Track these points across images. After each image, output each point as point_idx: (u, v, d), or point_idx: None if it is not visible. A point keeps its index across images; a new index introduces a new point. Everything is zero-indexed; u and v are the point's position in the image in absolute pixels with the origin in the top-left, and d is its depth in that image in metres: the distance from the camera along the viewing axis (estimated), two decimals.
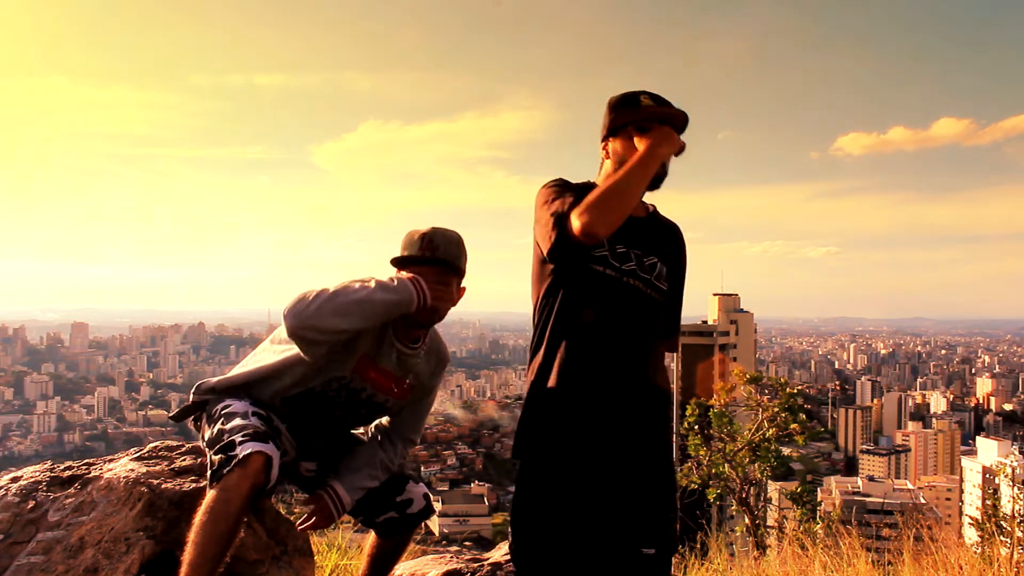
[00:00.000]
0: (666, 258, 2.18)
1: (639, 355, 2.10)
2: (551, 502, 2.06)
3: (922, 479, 79.21)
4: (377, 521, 2.49)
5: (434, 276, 2.24)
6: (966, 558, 3.54)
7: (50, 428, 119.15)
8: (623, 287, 2.08)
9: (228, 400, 2.29)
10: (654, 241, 2.18)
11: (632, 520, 2.06)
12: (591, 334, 2.08)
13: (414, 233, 2.28)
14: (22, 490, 2.34)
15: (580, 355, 2.08)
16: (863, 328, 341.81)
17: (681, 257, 2.28)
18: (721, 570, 4.16)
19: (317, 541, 3.61)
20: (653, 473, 2.08)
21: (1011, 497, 5.18)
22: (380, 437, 2.52)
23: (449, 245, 2.27)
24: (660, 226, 2.26)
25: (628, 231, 2.10)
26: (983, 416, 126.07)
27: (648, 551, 2.05)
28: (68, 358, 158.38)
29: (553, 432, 2.07)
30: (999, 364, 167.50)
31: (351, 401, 2.37)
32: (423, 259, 2.24)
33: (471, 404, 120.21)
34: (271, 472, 2.06)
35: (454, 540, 27.52)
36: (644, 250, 2.13)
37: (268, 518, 2.60)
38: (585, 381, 2.06)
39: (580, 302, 2.09)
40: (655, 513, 2.09)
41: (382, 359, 2.33)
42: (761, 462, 7.89)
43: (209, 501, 2.00)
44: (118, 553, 2.16)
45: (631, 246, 2.12)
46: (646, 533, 2.06)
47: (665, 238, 2.24)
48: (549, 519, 2.06)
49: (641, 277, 2.10)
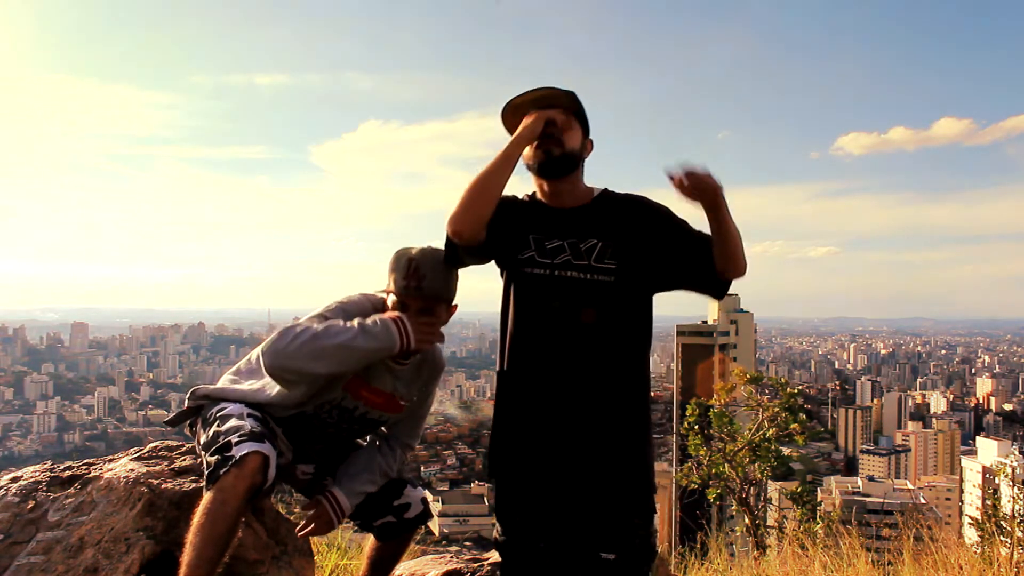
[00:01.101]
0: (617, 235, 2.10)
1: (586, 345, 2.05)
2: (517, 510, 2.11)
3: (922, 479, 79.16)
4: (375, 525, 2.49)
5: (419, 306, 2.22)
6: (966, 558, 3.54)
7: (50, 428, 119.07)
8: (556, 281, 2.07)
9: (223, 403, 2.29)
10: (594, 224, 2.11)
11: (590, 524, 2.04)
12: (530, 335, 2.09)
13: (402, 256, 2.23)
14: (22, 490, 2.34)
15: (524, 362, 2.10)
16: (863, 328, 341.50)
17: (649, 218, 2.11)
18: (721, 570, 4.16)
19: (317, 541, 3.61)
20: (613, 475, 2.05)
21: (1011, 497, 5.18)
22: (378, 442, 2.52)
23: (436, 275, 2.21)
24: (609, 206, 2.16)
25: (559, 223, 2.11)
26: (983, 416, 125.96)
27: (607, 556, 2.02)
28: (68, 358, 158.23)
29: (512, 445, 2.11)
30: (999, 364, 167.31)
31: (344, 419, 2.38)
32: (407, 292, 2.20)
33: (471, 404, 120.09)
34: (268, 472, 2.06)
35: (454, 540, 27.54)
36: (580, 236, 2.10)
37: (268, 518, 2.60)
38: (532, 385, 2.08)
39: (519, 308, 2.12)
40: (616, 518, 2.05)
41: (373, 378, 2.33)
42: (761, 462, 7.89)
43: (206, 503, 1.99)
44: (118, 553, 2.16)
45: (564, 237, 2.10)
46: (604, 537, 2.03)
47: (615, 216, 2.13)
48: (516, 525, 2.11)
49: (576, 265, 2.07)
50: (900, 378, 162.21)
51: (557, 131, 2.07)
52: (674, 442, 32.53)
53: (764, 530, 7.32)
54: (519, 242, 2.13)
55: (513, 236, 2.13)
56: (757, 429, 8.25)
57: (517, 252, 2.11)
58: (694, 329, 71.66)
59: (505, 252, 2.14)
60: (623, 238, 2.09)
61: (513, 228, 2.13)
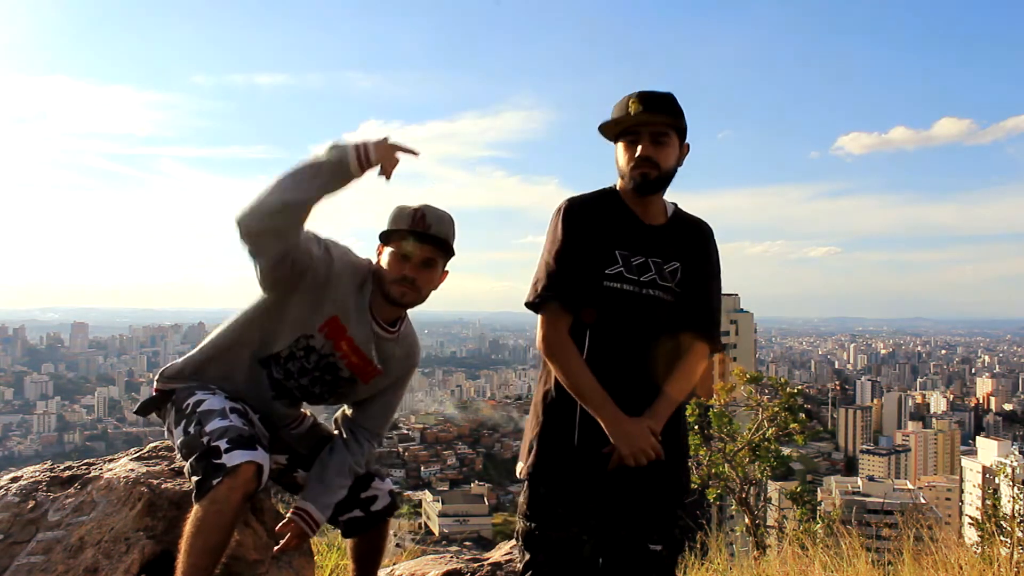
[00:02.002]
0: (690, 260, 2.16)
1: (649, 360, 2.08)
2: (558, 504, 2.08)
3: (922, 479, 79.09)
4: (341, 520, 2.46)
5: (424, 253, 2.20)
6: (966, 558, 3.54)
7: (50, 428, 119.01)
8: (643, 299, 2.08)
9: (199, 393, 2.22)
10: (676, 246, 2.15)
11: (640, 516, 2.08)
12: (609, 345, 2.08)
13: (404, 207, 2.21)
14: (22, 490, 2.34)
15: (599, 367, 2.07)
16: (863, 328, 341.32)
17: (705, 253, 2.21)
18: (721, 570, 4.16)
19: (317, 541, 3.61)
20: (663, 471, 2.08)
21: (1011, 497, 5.17)
22: (347, 437, 2.45)
23: (442, 223, 2.21)
24: (684, 228, 2.20)
25: (645, 240, 2.12)
26: (983, 416, 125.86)
27: (655, 547, 2.06)
28: (68, 358, 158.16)
29: (566, 442, 2.08)
30: (999, 364, 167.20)
31: (318, 367, 2.30)
32: (414, 233, 2.17)
33: (471, 404, 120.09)
34: (262, 479, 2.03)
35: (454, 540, 27.53)
36: (664, 257, 2.13)
37: (268, 518, 2.59)
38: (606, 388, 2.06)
39: (602, 319, 2.08)
40: (663, 510, 2.11)
41: (353, 327, 2.25)
42: (761, 462, 7.89)
43: (199, 515, 1.95)
44: (118, 553, 2.16)
45: (648, 255, 2.12)
46: (654, 529, 2.08)
47: (690, 240, 2.19)
48: (557, 518, 2.08)
49: (661, 286, 2.10)
50: (900, 378, 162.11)
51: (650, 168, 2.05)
52: None
53: (764, 530, 7.32)
54: (606, 257, 2.10)
55: (600, 251, 2.10)
56: (757, 429, 8.24)
57: (604, 267, 2.09)
58: None
59: (590, 265, 2.09)
60: (694, 264, 2.16)
61: (601, 242, 2.10)
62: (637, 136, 2.05)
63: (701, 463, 8.08)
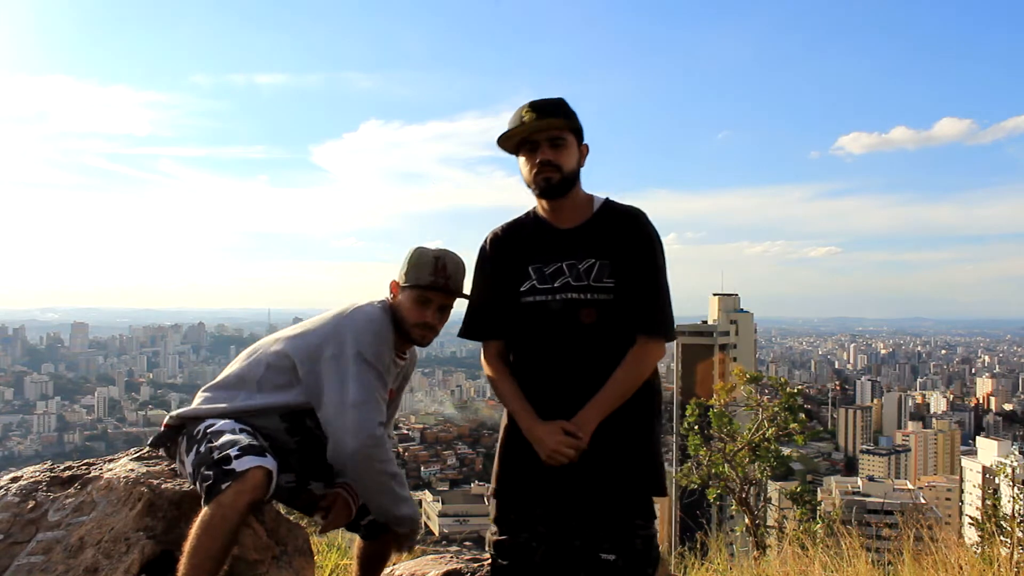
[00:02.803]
0: (615, 253, 2.12)
1: (586, 346, 2.10)
2: (515, 510, 2.15)
3: (922, 479, 79.07)
4: (361, 524, 2.48)
5: (442, 301, 2.34)
6: (966, 558, 3.54)
7: (50, 428, 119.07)
8: (556, 302, 2.12)
9: (209, 420, 2.25)
10: (592, 243, 2.15)
11: (592, 524, 2.06)
12: (532, 346, 2.16)
13: (425, 253, 2.34)
14: (22, 490, 2.34)
15: (528, 370, 2.17)
16: (863, 328, 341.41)
17: (636, 240, 2.13)
18: (721, 570, 4.16)
19: (317, 541, 3.61)
20: (615, 474, 2.06)
21: (1011, 497, 5.18)
22: None
23: (458, 271, 2.35)
24: (609, 221, 2.17)
25: (557, 245, 2.16)
26: (983, 416, 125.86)
27: (608, 557, 2.03)
28: (68, 358, 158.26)
29: (520, 453, 2.13)
30: (999, 364, 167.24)
31: None
32: (435, 287, 2.31)
33: (471, 404, 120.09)
34: (270, 486, 2.04)
35: (454, 540, 27.53)
36: (578, 257, 2.14)
37: (268, 518, 2.59)
38: (537, 390, 2.13)
39: (522, 333, 2.18)
40: (617, 519, 2.06)
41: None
42: (761, 462, 7.89)
43: (205, 518, 1.97)
44: (118, 553, 2.16)
45: (563, 259, 2.14)
46: (606, 538, 2.05)
47: (613, 232, 2.15)
48: (514, 525, 2.14)
49: (575, 287, 2.11)
50: (900, 378, 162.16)
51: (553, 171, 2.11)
52: (674, 442, 32.51)
53: (764, 530, 7.32)
54: (520, 276, 2.18)
55: (515, 272, 2.19)
56: (757, 429, 8.26)
57: (519, 286, 2.17)
58: (694, 329, 71.66)
59: (509, 290, 2.20)
60: (622, 255, 2.12)
61: (515, 264, 2.20)
62: (536, 144, 2.11)
63: (701, 463, 8.09)
